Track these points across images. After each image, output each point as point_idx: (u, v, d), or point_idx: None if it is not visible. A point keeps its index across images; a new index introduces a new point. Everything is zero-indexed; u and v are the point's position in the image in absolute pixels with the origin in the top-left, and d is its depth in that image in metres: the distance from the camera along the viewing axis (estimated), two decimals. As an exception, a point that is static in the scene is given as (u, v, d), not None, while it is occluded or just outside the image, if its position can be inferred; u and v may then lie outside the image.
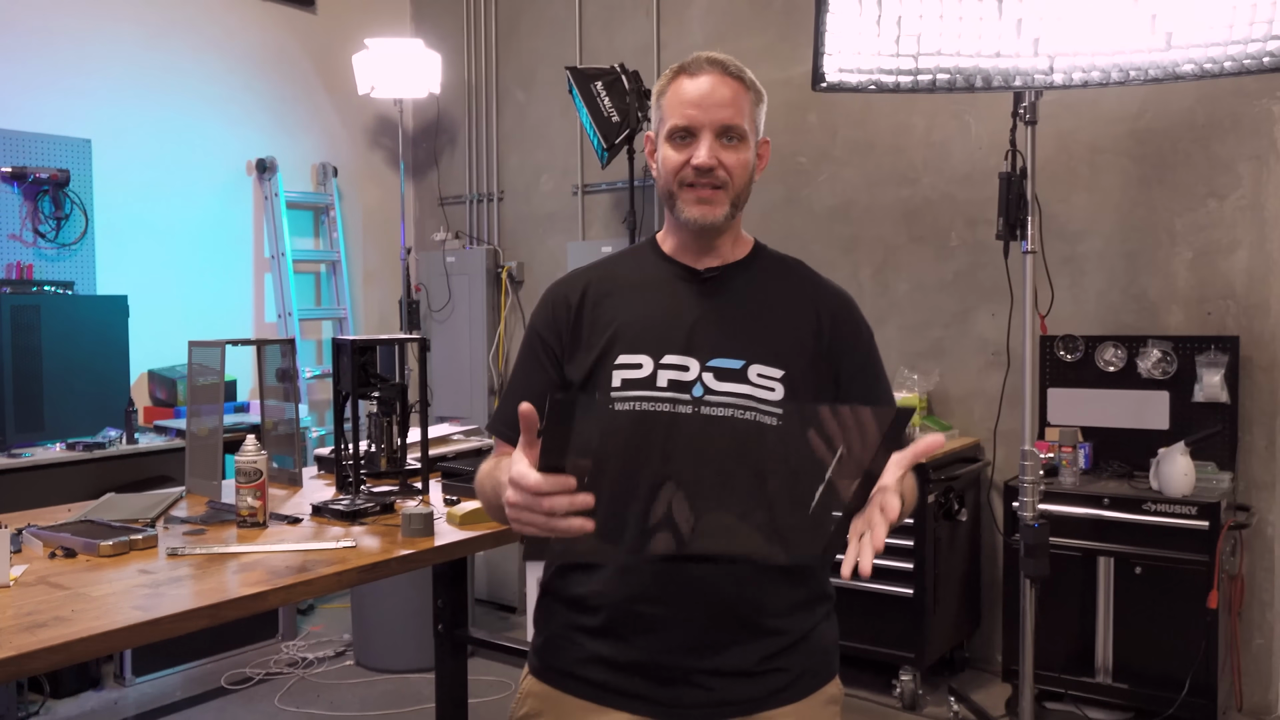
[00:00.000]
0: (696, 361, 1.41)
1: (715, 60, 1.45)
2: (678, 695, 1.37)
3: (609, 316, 1.47)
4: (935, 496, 3.51)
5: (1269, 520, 3.40)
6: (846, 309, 1.53)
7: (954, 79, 2.68)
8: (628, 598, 1.38)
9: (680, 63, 1.48)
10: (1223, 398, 3.34)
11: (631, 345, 1.43)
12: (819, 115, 4.24)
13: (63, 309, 3.87)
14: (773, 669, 1.40)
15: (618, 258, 1.58)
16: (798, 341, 1.45)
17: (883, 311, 4.13)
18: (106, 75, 4.32)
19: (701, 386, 1.39)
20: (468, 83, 5.37)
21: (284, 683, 3.81)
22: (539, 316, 1.54)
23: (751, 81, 1.47)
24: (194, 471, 2.59)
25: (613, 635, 1.40)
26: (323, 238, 5.24)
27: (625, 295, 1.49)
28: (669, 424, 1.38)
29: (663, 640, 1.37)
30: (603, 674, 1.40)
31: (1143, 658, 3.18)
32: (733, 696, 1.38)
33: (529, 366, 1.52)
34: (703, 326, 1.43)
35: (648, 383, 1.40)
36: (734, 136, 1.44)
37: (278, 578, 1.77)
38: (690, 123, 1.42)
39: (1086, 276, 3.69)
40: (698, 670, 1.37)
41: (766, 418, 1.38)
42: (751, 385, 1.39)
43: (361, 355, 2.45)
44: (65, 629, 1.49)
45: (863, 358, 1.51)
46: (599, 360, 1.44)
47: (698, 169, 1.42)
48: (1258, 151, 3.38)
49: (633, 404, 1.39)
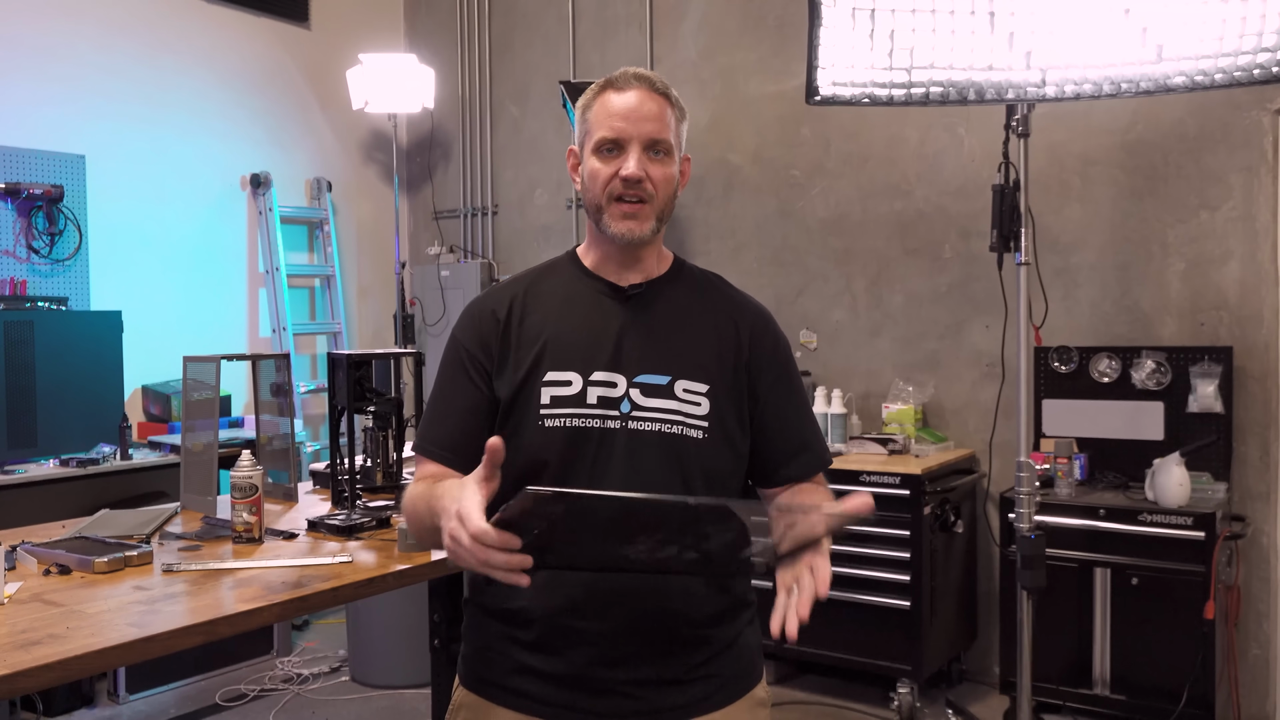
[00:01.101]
0: (623, 378, 1.43)
1: (642, 75, 1.46)
2: (608, 705, 1.40)
3: (535, 332, 1.47)
4: (931, 508, 3.51)
5: (1264, 530, 3.40)
6: (764, 323, 1.56)
7: (947, 92, 2.69)
8: (556, 610, 1.39)
9: (607, 77, 1.48)
10: (1217, 408, 3.35)
11: (559, 362, 1.44)
12: (812, 128, 4.26)
13: (56, 325, 3.86)
14: (700, 676, 1.43)
15: (540, 272, 1.57)
16: (719, 356, 1.48)
17: (877, 324, 4.14)
18: (100, 91, 4.32)
19: (629, 402, 1.42)
20: (461, 97, 5.38)
21: (279, 699, 3.78)
22: (465, 331, 1.52)
23: (677, 99, 1.48)
24: (189, 487, 2.58)
25: (543, 648, 1.41)
26: (317, 252, 5.24)
27: (551, 311, 1.49)
28: (599, 440, 1.41)
29: (592, 653, 1.39)
30: (533, 685, 1.42)
31: (1140, 669, 3.18)
32: (662, 704, 1.41)
33: (457, 382, 1.50)
34: (629, 343, 1.45)
35: (577, 400, 1.42)
36: (660, 150, 1.44)
37: (273, 593, 1.76)
38: (618, 135, 1.43)
39: (1080, 288, 3.71)
40: (627, 680, 1.40)
41: (693, 431, 1.43)
42: (677, 400, 1.43)
43: (357, 370, 2.45)
44: (60, 646, 1.48)
45: (780, 369, 1.53)
46: (527, 376, 1.44)
47: (626, 180, 1.42)
48: (1249, 163, 3.40)
49: (563, 420, 1.41)
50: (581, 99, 1.51)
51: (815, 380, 4.16)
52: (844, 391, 4.00)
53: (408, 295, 5.22)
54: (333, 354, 2.47)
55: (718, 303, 1.54)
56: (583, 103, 1.50)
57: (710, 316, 1.52)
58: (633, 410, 1.42)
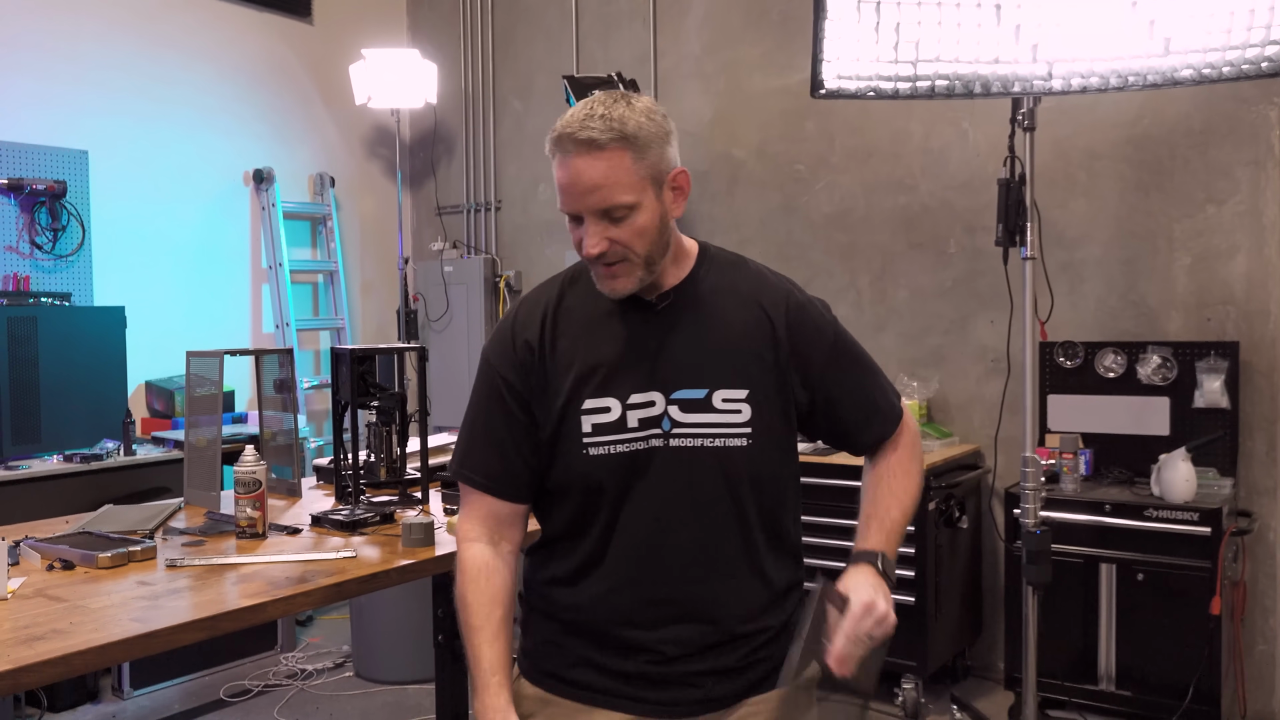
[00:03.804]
0: (661, 395, 1.42)
1: (580, 139, 1.33)
2: (669, 695, 1.43)
3: (568, 358, 1.44)
4: (936, 504, 3.50)
5: (1271, 526, 3.39)
6: (798, 308, 1.50)
7: (953, 85, 2.68)
8: (611, 623, 1.43)
9: (554, 132, 1.37)
10: (1223, 403, 3.33)
11: (597, 389, 1.42)
12: (816, 123, 4.24)
13: (60, 320, 3.86)
14: (755, 661, 1.46)
15: (569, 282, 1.51)
16: (756, 356, 1.45)
17: (881, 319, 4.13)
18: (103, 87, 4.31)
19: (669, 420, 1.42)
20: (465, 92, 5.37)
21: (283, 694, 3.78)
22: (501, 358, 1.48)
23: (632, 134, 1.34)
24: (192, 482, 2.58)
25: (600, 647, 1.45)
26: (320, 248, 5.24)
27: (580, 333, 1.46)
28: (645, 461, 1.41)
29: (649, 656, 1.43)
30: (595, 678, 1.45)
31: (1146, 664, 3.17)
32: (721, 692, 1.45)
33: (496, 411, 1.47)
34: (662, 358, 1.43)
35: (618, 426, 1.41)
36: (618, 214, 1.36)
37: (277, 589, 1.76)
38: (567, 209, 1.39)
39: (1085, 283, 3.69)
40: (686, 673, 1.43)
41: (736, 440, 1.43)
42: (716, 412, 1.42)
43: (360, 365, 2.44)
44: (63, 642, 1.48)
45: (827, 345, 1.49)
46: (566, 406, 1.43)
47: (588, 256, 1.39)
48: (1256, 157, 3.38)
49: (607, 448, 1.41)
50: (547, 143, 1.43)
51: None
52: (848, 387, 3.99)
53: (411, 291, 5.21)
54: (336, 349, 2.47)
55: (747, 295, 1.49)
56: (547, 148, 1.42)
57: (742, 314, 1.47)
58: (673, 428, 1.42)
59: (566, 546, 1.47)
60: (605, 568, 1.43)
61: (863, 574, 1.40)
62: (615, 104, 1.36)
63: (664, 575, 1.42)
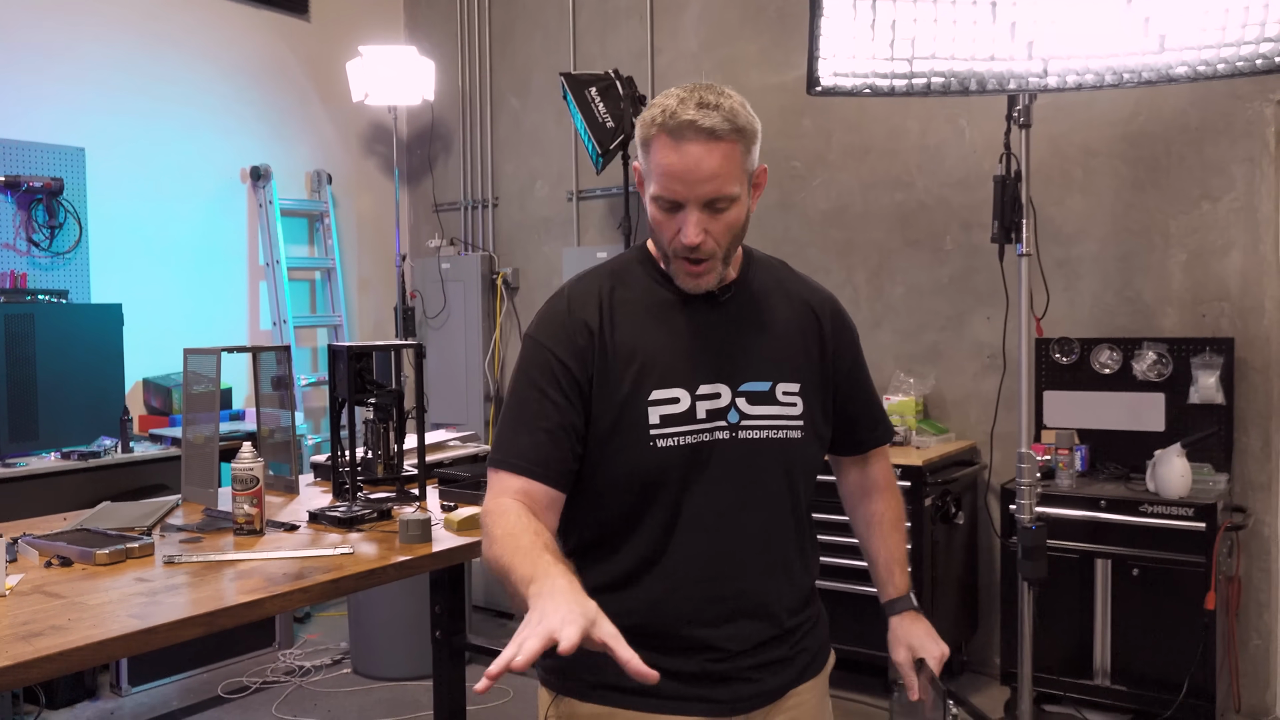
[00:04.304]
0: (728, 388, 1.42)
1: (701, 126, 1.30)
2: (730, 692, 1.43)
3: (630, 346, 1.39)
4: (932, 500, 3.51)
5: (1265, 521, 3.40)
6: (839, 313, 1.58)
7: (949, 82, 2.68)
8: (674, 622, 1.41)
9: (664, 111, 1.32)
10: (1218, 399, 3.34)
11: (664, 379, 1.38)
12: (813, 120, 4.25)
13: (57, 318, 3.86)
14: (799, 651, 1.51)
15: (617, 275, 1.46)
16: (807, 352, 1.50)
17: (878, 315, 4.14)
18: (100, 84, 4.31)
19: (736, 413, 1.42)
20: (462, 89, 5.37)
21: (281, 691, 3.79)
22: (556, 340, 1.39)
23: (743, 127, 1.34)
24: (190, 479, 2.58)
25: (662, 651, 1.36)
26: (317, 245, 5.24)
27: (640, 321, 1.41)
28: (711, 453, 1.40)
29: (711, 654, 1.42)
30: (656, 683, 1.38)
31: (1141, 659, 3.18)
32: (775, 684, 1.48)
33: (548, 395, 1.37)
34: (729, 350, 1.43)
35: (687, 417, 1.38)
36: (722, 205, 1.34)
37: (275, 585, 1.76)
38: (675, 196, 1.33)
39: (1081, 279, 3.70)
40: (744, 668, 1.44)
41: (794, 432, 1.46)
42: (779, 405, 1.45)
43: (358, 362, 2.45)
44: (62, 638, 1.48)
45: (855, 354, 1.60)
46: (630, 396, 1.37)
47: (686, 245, 1.35)
48: (1251, 153, 3.39)
49: (676, 439, 1.38)
50: (640, 123, 1.37)
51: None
52: (845, 383, 4.00)
53: (408, 288, 5.21)
54: (333, 346, 2.47)
55: (794, 294, 1.53)
56: (641, 132, 1.36)
57: (792, 311, 1.51)
58: (741, 420, 1.41)
59: (614, 548, 1.41)
60: (664, 566, 1.39)
61: (918, 624, 1.61)
62: (723, 96, 1.34)
63: (727, 571, 1.41)
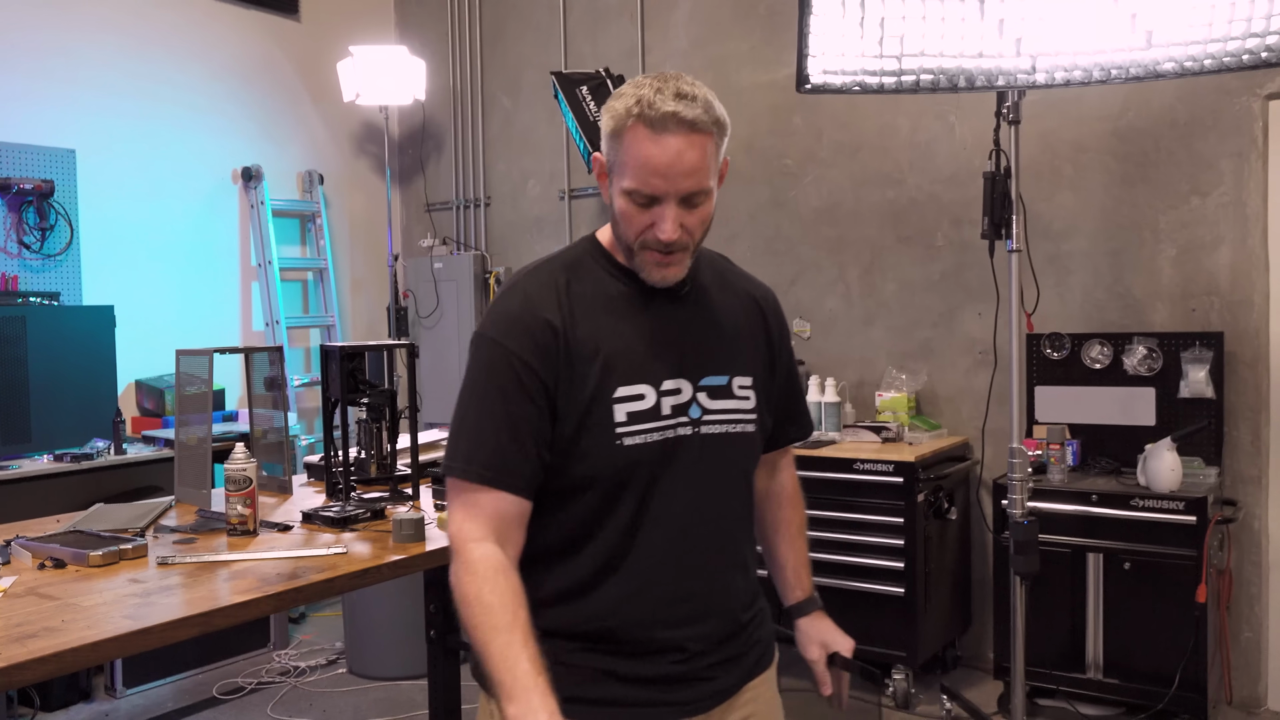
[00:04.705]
0: (689, 383, 1.41)
1: (683, 118, 1.26)
2: (691, 693, 1.42)
3: (592, 343, 1.35)
4: (925, 495, 3.52)
5: (1255, 514, 3.42)
6: (776, 303, 1.59)
7: (937, 79, 2.69)
8: (641, 624, 1.39)
9: (641, 101, 1.27)
10: (1208, 393, 3.36)
11: (629, 375, 1.36)
12: (804, 118, 4.26)
13: (49, 320, 3.85)
14: (752, 645, 1.51)
15: (570, 268, 1.41)
16: (756, 346, 1.51)
17: (870, 312, 4.15)
18: (90, 85, 4.30)
19: (698, 407, 1.41)
20: (453, 89, 5.37)
21: (276, 692, 3.79)
22: (518, 340, 1.34)
23: (720, 119, 1.31)
24: (183, 480, 2.58)
25: (626, 655, 1.38)
26: (309, 245, 5.23)
27: (600, 317, 1.38)
28: (674, 449, 1.39)
29: (675, 655, 1.41)
30: (617, 689, 1.38)
31: (1133, 653, 3.20)
32: (729, 682, 1.47)
33: (515, 400, 1.32)
34: (690, 345, 1.42)
35: (653, 414, 1.37)
36: (698, 199, 1.32)
37: (269, 585, 1.77)
38: (654, 191, 1.29)
39: (1072, 275, 3.72)
40: (704, 667, 1.43)
41: (748, 426, 1.46)
42: (736, 399, 1.45)
43: (350, 362, 2.45)
44: (56, 639, 1.49)
45: (788, 345, 1.60)
46: (595, 394, 1.34)
47: (661, 241, 1.32)
48: (1239, 148, 3.41)
49: (643, 437, 1.35)
50: (610, 113, 1.32)
51: (809, 369, 4.17)
52: (837, 380, 4.02)
53: (401, 288, 5.21)
54: (326, 346, 2.47)
55: (739, 287, 1.54)
56: (613, 122, 1.31)
57: (741, 303, 1.51)
58: (703, 415, 1.41)
59: (576, 551, 1.38)
60: (628, 568, 1.37)
61: (826, 622, 1.61)
62: (695, 86, 1.30)
63: (691, 570, 1.40)
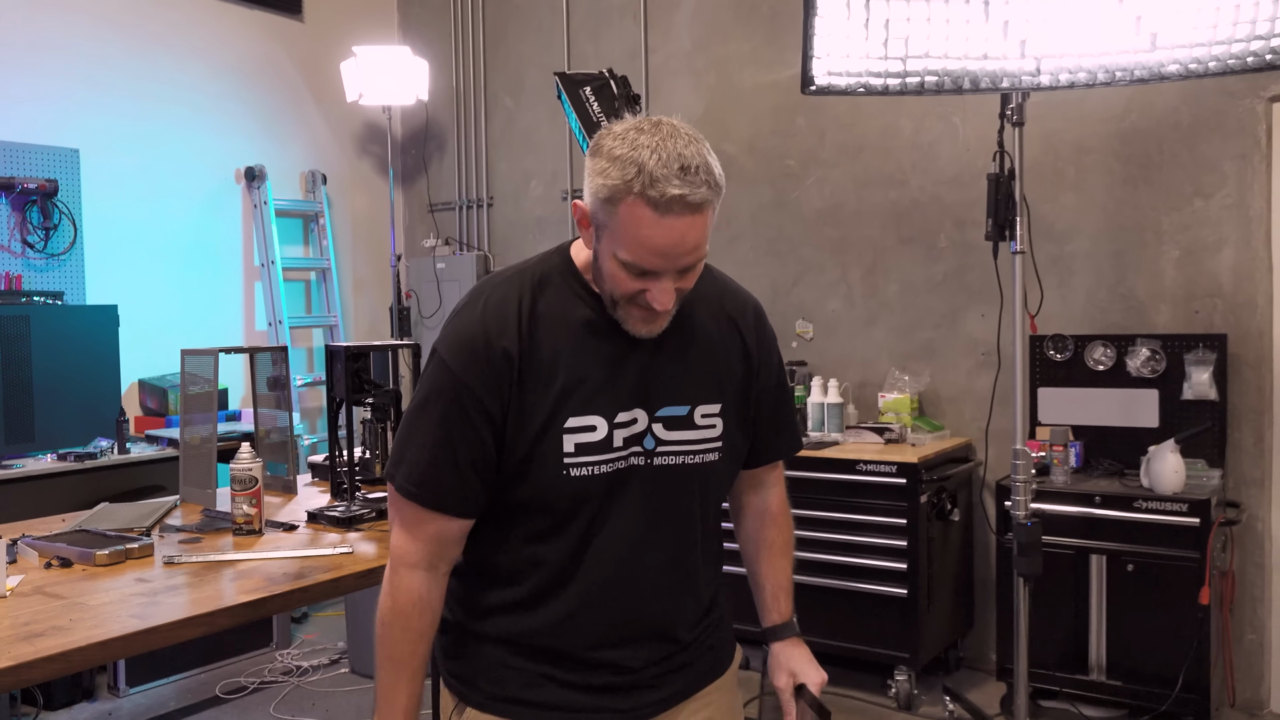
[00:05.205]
0: (645, 413, 1.37)
1: (690, 202, 1.20)
2: (633, 700, 1.42)
3: (548, 370, 1.32)
4: (928, 497, 3.52)
5: (1259, 516, 3.42)
6: (760, 321, 1.51)
7: (942, 81, 2.69)
8: (577, 645, 1.39)
9: (642, 175, 1.19)
10: (1211, 395, 3.36)
11: (582, 406, 1.33)
12: (807, 118, 4.26)
13: (52, 319, 3.86)
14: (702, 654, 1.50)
15: (537, 285, 1.36)
16: (730, 369, 1.45)
17: (872, 313, 4.15)
18: (94, 85, 4.31)
19: (653, 439, 1.37)
20: (456, 89, 5.37)
21: (279, 691, 3.80)
22: (469, 371, 1.30)
23: (718, 186, 1.23)
24: (188, 480, 2.59)
25: (561, 667, 1.40)
26: (312, 245, 5.23)
27: (560, 342, 1.33)
28: (622, 481, 1.36)
29: (614, 671, 1.40)
30: (556, 694, 1.39)
31: (1136, 654, 3.20)
32: (675, 689, 1.47)
33: (461, 430, 1.30)
34: (650, 375, 1.37)
35: (603, 446, 1.34)
36: (694, 266, 1.28)
37: (275, 585, 1.77)
38: (652, 268, 1.25)
39: (1075, 276, 3.72)
40: (648, 677, 1.43)
41: (710, 455, 1.42)
42: (697, 429, 1.40)
43: (355, 362, 2.45)
44: (63, 638, 1.49)
45: (773, 363, 1.53)
46: (547, 424, 1.32)
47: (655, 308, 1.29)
48: (1243, 150, 3.41)
49: (590, 469, 1.33)
50: (604, 175, 1.23)
51: (811, 370, 4.17)
52: (840, 381, 4.02)
53: (404, 288, 5.21)
54: (330, 346, 2.48)
55: (717, 307, 1.46)
56: (607, 189, 1.22)
57: (716, 325, 1.44)
58: (657, 446, 1.37)
59: (518, 570, 1.38)
60: (570, 591, 1.36)
61: (799, 650, 1.55)
62: (694, 144, 1.22)
63: (633, 598, 1.38)
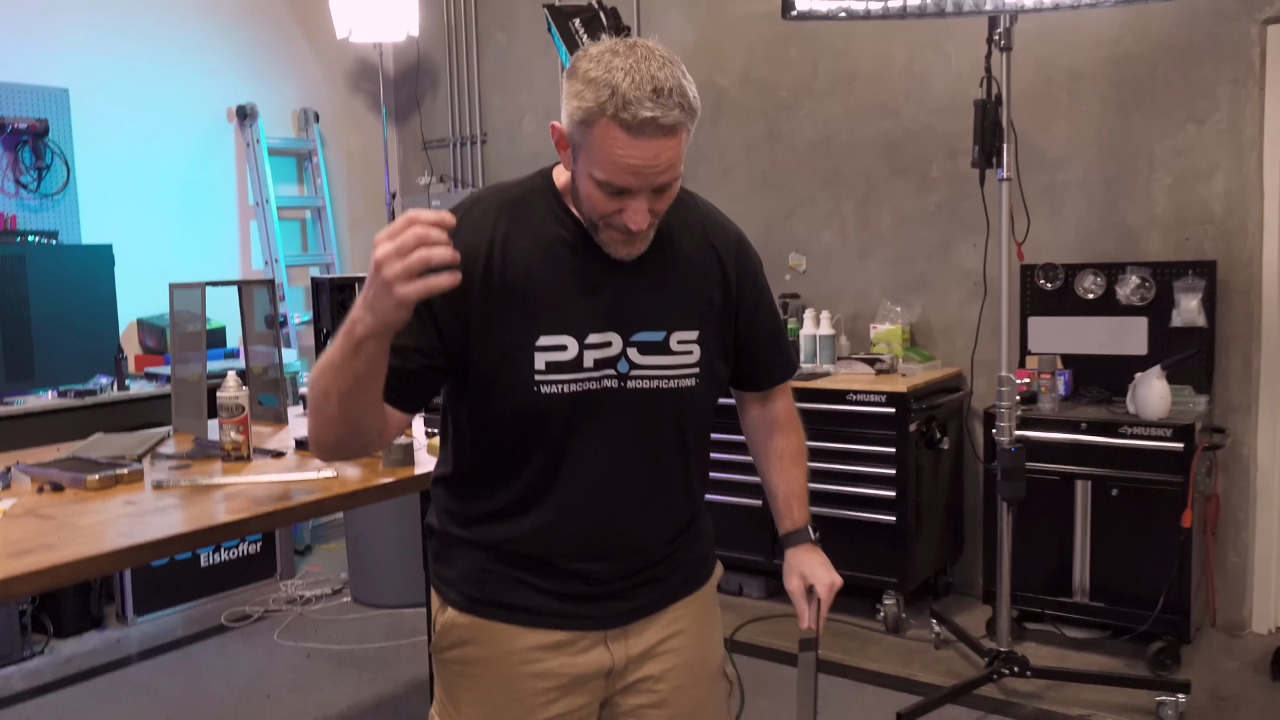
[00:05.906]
0: (619, 337, 1.38)
1: (661, 124, 1.22)
2: (605, 609, 1.46)
3: (520, 288, 1.34)
4: (917, 425, 3.56)
5: (1245, 441, 3.45)
6: (743, 250, 1.53)
7: (924, 4, 2.67)
8: (552, 554, 1.42)
9: (615, 96, 1.21)
10: (1200, 322, 3.37)
11: (553, 325, 1.34)
12: (800, 49, 4.21)
13: (48, 259, 3.89)
14: (675, 569, 1.52)
15: (514, 208, 1.38)
16: (708, 297, 1.46)
17: (865, 245, 4.15)
18: (82, 23, 4.28)
19: (626, 362, 1.38)
20: (447, 24, 5.32)
21: (282, 619, 3.89)
22: None
23: (692, 109, 1.25)
24: (180, 411, 2.63)
25: (538, 574, 1.44)
26: (306, 184, 5.23)
27: (534, 262, 1.35)
28: (597, 402, 1.37)
29: (587, 581, 1.44)
30: (533, 599, 1.44)
31: (1119, 577, 3.25)
32: (648, 600, 1.50)
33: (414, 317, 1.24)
34: (625, 300, 1.38)
35: (573, 365, 1.35)
36: (669, 185, 1.30)
37: (259, 505, 1.82)
38: (626, 186, 1.26)
39: (1066, 205, 3.71)
40: (621, 587, 1.46)
41: (687, 380, 1.43)
42: (673, 354, 1.41)
43: (341, 293, 2.48)
44: (52, 555, 1.54)
45: (759, 290, 1.54)
46: (517, 339, 1.34)
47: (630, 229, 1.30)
48: (1236, 75, 3.37)
49: (560, 387, 1.35)
50: (578, 98, 1.24)
51: (804, 302, 4.19)
52: (833, 313, 4.03)
53: (399, 226, 5.21)
54: (316, 278, 2.51)
55: (699, 233, 1.47)
56: (581, 111, 1.23)
57: (696, 252, 1.46)
58: (631, 370, 1.38)
59: (498, 481, 1.42)
60: (546, 505, 1.40)
61: (812, 555, 1.57)
62: (669, 66, 1.24)
63: (608, 513, 1.42)
